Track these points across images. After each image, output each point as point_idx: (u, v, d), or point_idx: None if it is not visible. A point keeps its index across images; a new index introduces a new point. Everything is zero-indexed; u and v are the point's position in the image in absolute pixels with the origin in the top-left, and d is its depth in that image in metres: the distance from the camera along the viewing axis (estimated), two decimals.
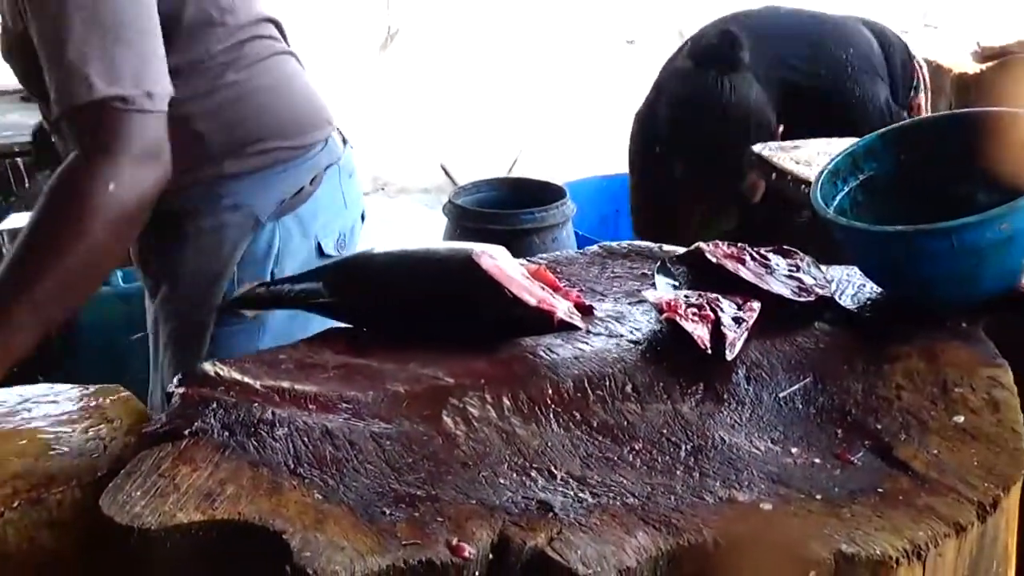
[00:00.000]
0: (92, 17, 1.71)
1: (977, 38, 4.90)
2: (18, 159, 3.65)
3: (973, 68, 4.73)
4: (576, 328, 1.62)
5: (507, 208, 3.93)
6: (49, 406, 1.59)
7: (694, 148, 2.88)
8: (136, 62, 1.74)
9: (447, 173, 6.38)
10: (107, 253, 1.76)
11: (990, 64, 4.71)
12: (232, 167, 1.99)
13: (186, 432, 1.39)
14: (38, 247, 1.72)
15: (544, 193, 3.99)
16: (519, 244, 3.61)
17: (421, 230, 4.72)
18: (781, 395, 1.50)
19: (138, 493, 1.28)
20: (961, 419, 1.42)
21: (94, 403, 1.60)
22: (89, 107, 1.71)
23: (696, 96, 2.69)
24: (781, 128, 2.59)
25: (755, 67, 2.74)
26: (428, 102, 7.20)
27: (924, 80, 3.42)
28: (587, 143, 6.54)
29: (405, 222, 4.44)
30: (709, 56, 2.69)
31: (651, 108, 3.11)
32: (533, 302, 1.60)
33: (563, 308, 1.62)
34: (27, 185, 3.67)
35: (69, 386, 1.65)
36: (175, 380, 1.51)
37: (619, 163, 5.20)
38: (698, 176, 2.89)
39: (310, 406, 1.46)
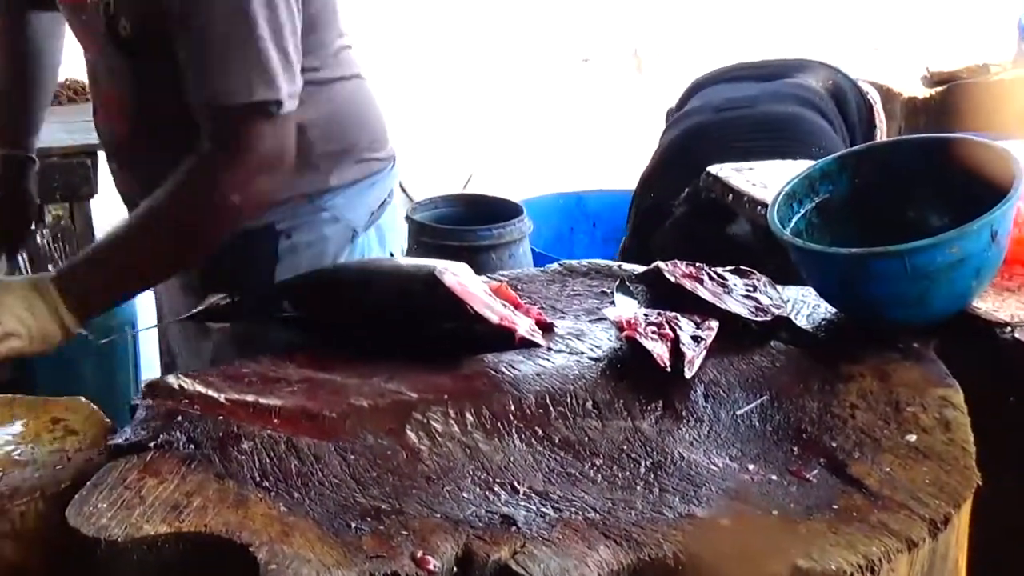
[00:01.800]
0: (267, 16, 1.71)
1: (926, 63, 4.98)
2: None
3: (923, 93, 4.81)
4: (537, 345, 1.64)
5: (464, 224, 3.95)
6: (11, 418, 1.59)
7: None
8: (285, 62, 1.76)
9: (403, 189, 6.39)
10: (207, 249, 1.83)
11: (939, 89, 4.79)
12: (335, 179, 2.00)
13: (151, 444, 1.40)
14: (152, 229, 1.78)
15: (501, 210, 4.01)
16: (476, 260, 3.63)
17: None
18: (738, 413, 1.53)
19: (104, 505, 1.28)
20: (913, 438, 1.45)
21: (58, 415, 1.60)
22: (244, 108, 1.73)
23: (695, 243, 2.73)
24: None
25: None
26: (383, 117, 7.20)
27: (880, 119, 3.50)
28: (542, 160, 6.56)
29: None
30: (710, 211, 2.73)
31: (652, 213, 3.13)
32: (495, 319, 1.62)
33: (524, 326, 1.64)
34: None
35: (32, 398, 1.65)
36: (139, 392, 1.52)
37: (574, 181, 5.23)
38: None
39: (275, 420, 1.48)
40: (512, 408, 1.52)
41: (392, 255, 2.17)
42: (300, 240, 2.00)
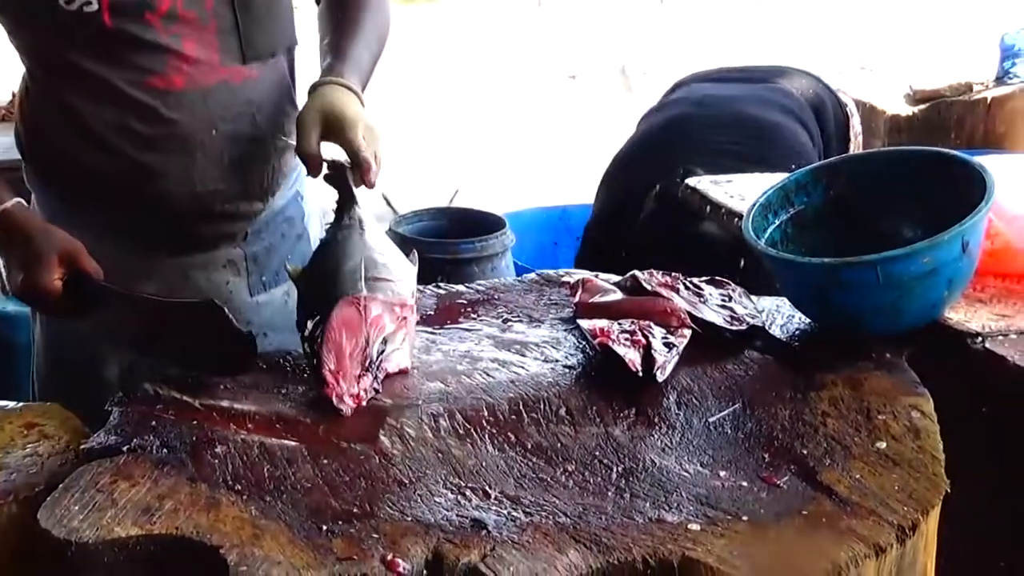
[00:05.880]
0: None
1: (910, 81, 5.01)
2: None
3: (906, 110, 4.84)
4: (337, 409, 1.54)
5: (448, 237, 3.95)
6: None
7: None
8: None
9: (388, 202, 6.39)
10: None
11: (922, 106, 4.82)
12: None
13: (125, 448, 1.40)
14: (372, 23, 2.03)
15: (484, 223, 4.02)
16: (459, 273, 3.63)
17: None
18: (711, 420, 1.53)
19: (76, 507, 1.29)
20: (883, 445, 1.46)
21: (33, 420, 1.60)
22: None
23: (665, 240, 2.74)
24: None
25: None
26: None
27: (856, 131, 3.53)
28: (528, 175, 6.58)
29: None
30: (682, 209, 2.73)
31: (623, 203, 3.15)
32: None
33: (346, 391, 1.55)
34: None
35: (7, 403, 1.66)
36: (114, 398, 1.52)
37: (558, 195, 5.24)
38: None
39: (248, 425, 1.48)
40: (486, 414, 1.52)
41: None
42: None
